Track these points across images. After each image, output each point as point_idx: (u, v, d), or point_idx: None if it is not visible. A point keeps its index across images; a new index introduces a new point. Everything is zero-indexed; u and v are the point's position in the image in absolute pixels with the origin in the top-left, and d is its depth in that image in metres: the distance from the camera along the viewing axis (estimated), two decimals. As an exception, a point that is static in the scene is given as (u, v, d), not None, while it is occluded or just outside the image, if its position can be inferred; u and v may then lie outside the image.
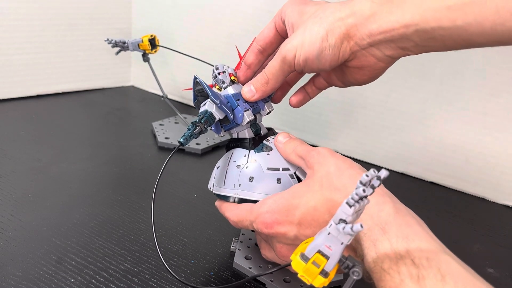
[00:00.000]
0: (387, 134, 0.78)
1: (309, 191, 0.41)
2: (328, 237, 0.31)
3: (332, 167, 0.41)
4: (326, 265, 0.32)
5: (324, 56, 0.43)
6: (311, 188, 0.41)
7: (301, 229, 0.40)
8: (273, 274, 0.49)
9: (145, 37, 0.82)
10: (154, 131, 0.84)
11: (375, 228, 0.35)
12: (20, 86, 0.96)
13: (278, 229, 0.41)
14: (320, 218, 0.40)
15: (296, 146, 0.45)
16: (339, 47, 0.42)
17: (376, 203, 0.37)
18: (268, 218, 0.41)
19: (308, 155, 0.43)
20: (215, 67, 0.50)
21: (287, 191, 0.42)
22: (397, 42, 0.41)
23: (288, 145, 0.46)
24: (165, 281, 0.49)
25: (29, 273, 0.48)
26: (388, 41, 0.41)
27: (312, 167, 0.42)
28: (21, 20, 0.92)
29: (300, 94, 0.53)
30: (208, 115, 0.45)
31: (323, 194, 0.40)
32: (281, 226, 0.41)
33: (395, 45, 0.41)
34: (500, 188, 0.70)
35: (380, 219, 0.36)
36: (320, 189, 0.40)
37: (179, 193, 0.66)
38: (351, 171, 0.40)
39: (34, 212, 0.58)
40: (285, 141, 0.47)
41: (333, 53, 0.42)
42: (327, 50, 0.42)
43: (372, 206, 0.36)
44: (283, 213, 0.41)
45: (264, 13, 0.85)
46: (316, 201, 0.40)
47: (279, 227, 0.41)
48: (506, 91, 0.66)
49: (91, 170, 0.70)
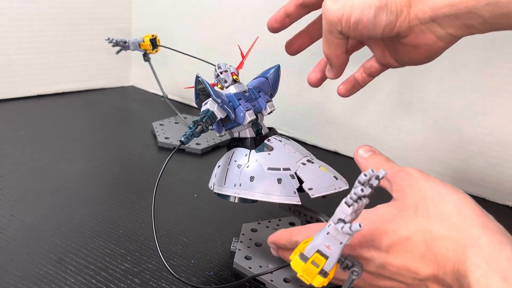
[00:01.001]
0: (387, 134, 0.78)
1: (400, 216, 0.35)
2: (327, 236, 0.31)
3: (429, 192, 0.35)
4: (325, 264, 0.32)
5: (379, 21, 0.38)
6: (403, 213, 0.35)
7: (389, 257, 0.35)
8: (273, 274, 0.49)
9: (146, 37, 0.82)
10: (154, 131, 0.84)
11: (493, 276, 0.29)
12: (20, 86, 0.96)
13: (362, 253, 0.36)
14: (414, 249, 0.34)
15: (380, 164, 0.40)
16: (398, 14, 0.38)
17: (490, 243, 0.31)
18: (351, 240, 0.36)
19: (395, 176, 0.38)
20: (217, 66, 0.51)
21: (371, 212, 0.37)
22: (463, 18, 0.36)
23: (371, 162, 0.41)
24: (165, 281, 0.49)
25: (29, 273, 0.48)
26: (453, 16, 0.36)
27: (402, 190, 0.37)
28: (21, 20, 0.92)
29: (348, 83, 0.50)
30: (209, 114, 0.45)
31: (419, 223, 0.34)
32: (366, 250, 0.36)
33: (460, 21, 0.37)
34: (500, 188, 0.70)
35: (499, 265, 0.30)
36: (414, 216, 0.35)
37: (179, 193, 0.66)
38: (455, 197, 0.35)
39: (34, 212, 0.58)
40: (367, 156, 0.42)
41: (389, 19, 0.38)
42: (384, 14, 0.38)
43: (486, 245, 0.31)
44: (368, 237, 0.36)
45: (264, 13, 0.85)
46: (409, 230, 0.34)
47: (363, 251, 0.36)
48: (506, 91, 0.65)
49: (91, 170, 0.70)
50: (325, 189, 0.45)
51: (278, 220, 0.59)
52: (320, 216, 0.48)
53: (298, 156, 0.48)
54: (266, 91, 0.52)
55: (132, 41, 0.83)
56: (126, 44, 0.83)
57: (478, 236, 0.32)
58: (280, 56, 0.86)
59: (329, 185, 0.46)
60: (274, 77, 0.52)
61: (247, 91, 0.50)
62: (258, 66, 0.60)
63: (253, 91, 0.50)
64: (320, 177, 0.46)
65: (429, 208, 0.34)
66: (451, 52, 0.42)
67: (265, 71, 0.53)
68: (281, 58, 0.85)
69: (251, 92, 0.50)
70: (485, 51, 0.66)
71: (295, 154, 0.48)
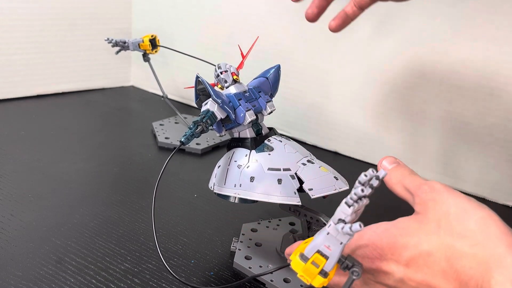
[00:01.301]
0: (387, 134, 0.78)
1: (422, 230, 0.35)
2: (327, 237, 0.31)
3: (453, 208, 0.34)
4: (325, 265, 0.32)
5: None
6: (425, 227, 0.35)
7: (409, 272, 0.34)
8: (273, 274, 0.49)
9: (146, 37, 0.82)
10: (154, 131, 0.84)
11: None
12: (20, 86, 0.96)
13: (381, 266, 0.35)
14: (435, 265, 0.34)
15: (403, 176, 0.39)
16: None
17: None
18: (369, 251, 0.36)
19: (419, 190, 0.37)
20: (217, 66, 0.50)
21: (392, 224, 0.36)
22: None
23: (394, 174, 0.40)
24: (165, 281, 0.49)
25: (29, 273, 0.48)
26: None
27: (425, 204, 0.36)
28: (21, 20, 0.92)
29: (339, 18, 0.50)
30: (210, 115, 0.45)
31: (441, 238, 0.34)
32: (385, 263, 0.35)
33: None
34: (500, 188, 0.70)
35: None
36: (437, 231, 0.34)
37: (179, 193, 0.66)
38: (480, 213, 0.34)
39: (34, 212, 0.58)
40: (391, 167, 0.40)
41: None
42: None
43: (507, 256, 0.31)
44: (387, 250, 0.35)
45: (264, 13, 0.85)
46: (431, 245, 0.34)
47: (382, 264, 0.35)
48: (506, 91, 0.66)
49: (91, 170, 0.70)
50: (325, 189, 0.45)
51: (278, 220, 0.59)
52: (320, 217, 0.48)
53: (298, 156, 0.48)
54: (266, 91, 0.52)
55: (132, 41, 0.83)
56: (126, 44, 0.83)
57: (503, 256, 0.31)
58: (280, 56, 0.86)
59: (329, 186, 0.46)
60: (274, 77, 0.52)
61: (247, 91, 0.50)
62: (258, 66, 0.60)
63: (253, 91, 0.50)
64: (320, 177, 0.46)
65: (452, 223, 0.34)
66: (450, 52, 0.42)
67: (265, 71, 0.53)
68: (281, 58, 0.85)
69: (251, 92, 0.50)
70: (485, 50, 0.66)
71: (295, 154, 0.48)
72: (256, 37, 0.58)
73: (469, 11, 0.66)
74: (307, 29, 0.80)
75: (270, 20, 0.84)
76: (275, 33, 0.84)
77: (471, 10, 0.65)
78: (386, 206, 0.52)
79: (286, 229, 0.57)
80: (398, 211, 0.38)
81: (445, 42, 0.68)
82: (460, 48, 0.67)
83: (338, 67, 0.79)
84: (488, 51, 0.65)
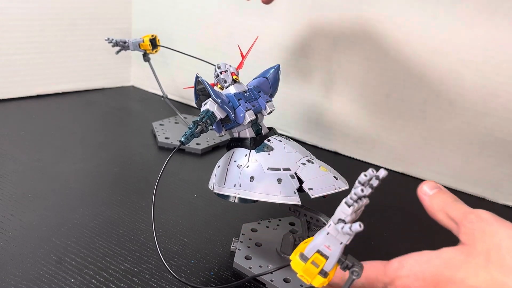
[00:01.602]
0: (387, 134, 0.78)
1: (469, 263, 0.32)
2: (327, 237, 0.31)
3: (505, 240, 0.32)
4: (325, 265, 0.31)
5: None
6: (472, 260, 0.32)
7: None
8: (273, 274, 0.49)
9: (146, 37, 0.82)
10: (154, 131, 0.84)
11: None
12: (20, 86, 0.96)
13: None
14: None
15: (446, 204, 0.36)
16: None
17: None
18: (410, 283, 0.33)
19: (465, 219, 0.34)
20: (217, 66, 0.51)
21: (435, 254, 0.34)
22: None
23: (436, 201, 0.37)
24: (165, 281, 0.49)
25: (29, 273, 0.48)
26: None
27: (472, 234, 0.33)
28: (21, 20, 0.92)
29: None
30: (209, 115, 0.45)
31: (491, 274, 0.31)
32: None
33: None
34: (500, 188, 0.70)
35: None
36: (485, 266, 0.31)
37: (179, 193, 0.66)
38: None
39: (34, 212, 0.58)
40: (432, 193, 0.38)
41: None
42: None
43: None
44: (430, 283, 0.33)
45: (264, 13, 0.85)
46: (479, 281, 0.31)
47: None
48: (506, 91, 0.66)
49: (91, 170, 0.70)
50: (325, 189, 0.45)
51: (278, 220, 0.59)
52: (320, 217, 0.48)
53: (298, 156, 0.48)
54: (266, 91, 0.52)
55: (132, 41, 0.83)
56: (126, 44, 0.83)
57: None
58: (280, 56, 0.86)
59: (329, 185, 0.46)
60: (274, 77, 0.52)
61: (247, 91, 0.50)
62: (258, 66, 0.60)
63: (253, 91, 0.50)
64: (320, 177, 0.46)
65: (504, 257, 0.31)
66: (451, 52, 0.42)
67: (265, 71, 0.53)
68: (281, 58, 0.85)
69: (251, 92, 0.50)
70: (485, 50, 0.66)
71: (295, 154, 0.48)
72: (256, 37, 0.58)
73: (469, 11, 0.66)
74: (307, 29, 0.80)
75: (270, 20, 0.84)
76: (275, 33, 0.84)
77: (471, 10, 0.66)
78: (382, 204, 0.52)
79: (286, 229, 0.57)
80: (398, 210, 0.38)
81: (445, 42, 0.68)
82: (460, 48, 0.68)
83: (338, 67, 0.80)
84: (488, 51, 0.65)
